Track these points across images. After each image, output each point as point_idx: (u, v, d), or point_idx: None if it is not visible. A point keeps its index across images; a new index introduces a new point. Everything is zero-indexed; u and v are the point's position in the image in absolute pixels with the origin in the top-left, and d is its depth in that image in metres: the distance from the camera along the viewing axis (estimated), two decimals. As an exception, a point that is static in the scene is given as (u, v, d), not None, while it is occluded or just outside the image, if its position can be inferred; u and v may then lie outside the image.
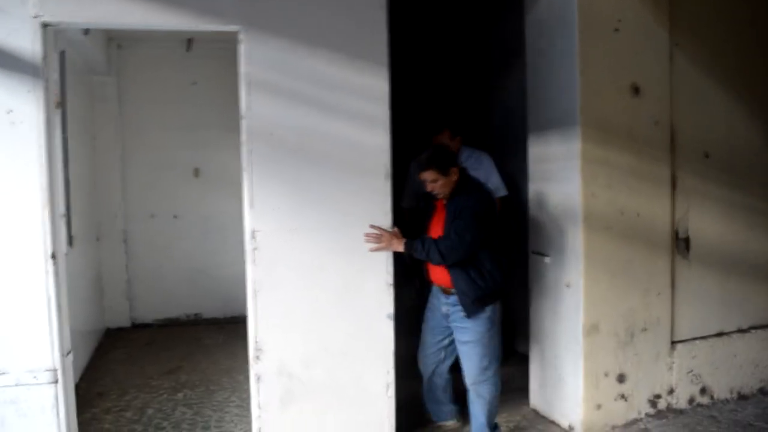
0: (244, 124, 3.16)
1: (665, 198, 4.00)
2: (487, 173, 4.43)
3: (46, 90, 2.95)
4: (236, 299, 6.38)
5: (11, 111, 2.90)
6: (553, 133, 3.91)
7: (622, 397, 3.95)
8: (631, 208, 3.87)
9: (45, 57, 2.94)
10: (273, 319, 3.15)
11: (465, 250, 3.25)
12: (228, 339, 6.00)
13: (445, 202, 3.47)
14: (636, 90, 3.85)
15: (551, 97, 3.93)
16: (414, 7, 5.31)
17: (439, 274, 3.46)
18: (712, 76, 4.18)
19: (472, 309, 3.33)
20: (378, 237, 3.31)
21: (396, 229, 3.38)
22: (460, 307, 3.38)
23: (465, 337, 3.43)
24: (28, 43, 2.88)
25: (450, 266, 3.33)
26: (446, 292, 3.48)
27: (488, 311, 3.40)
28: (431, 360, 3.67)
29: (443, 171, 3.34)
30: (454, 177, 3.39)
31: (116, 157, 6.37)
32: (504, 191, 4.55)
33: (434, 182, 3.35)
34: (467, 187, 3.43)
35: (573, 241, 3.77)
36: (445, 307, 3.52)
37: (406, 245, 3.32)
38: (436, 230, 3.45)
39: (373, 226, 3.30)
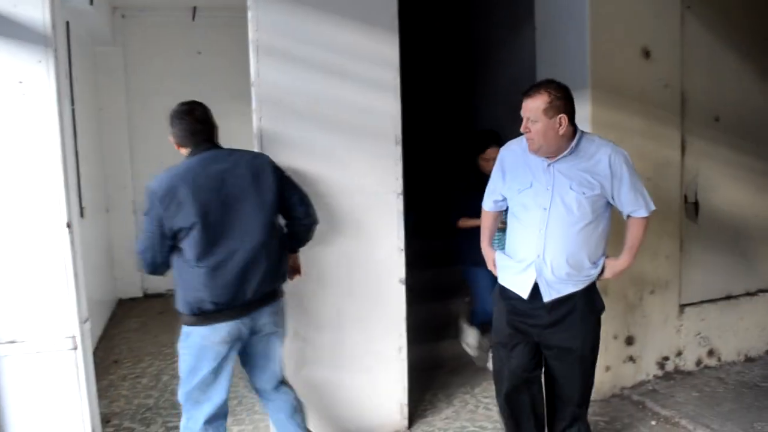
0: (253, 92, 3.15)
1: (675, 162, 4.00)
2: None
3: (57, 60, 2.94)
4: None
5: (22, 82, 2.90)
6: (563, 97, 3.89)
7: (631, 359, 4.00)
8: (641, 172, 3.74)
9: (54, 27, 2.93)
10: (286, 284, 3.18)
11: None
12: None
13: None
14: (647, 53, 3.83)
15: (561, 61, 3.91)
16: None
17: None
18: (724, 40, 4.15)
19: None
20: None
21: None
22: None
23: None
24: (38, 12, 2.86)
25: None
26: None
27: None
28: None
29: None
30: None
31: (123, 128, 6.38)
32: None
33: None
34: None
35: (583, 205, 3.77)
36: None
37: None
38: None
39: None
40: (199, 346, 2.61)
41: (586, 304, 2.79)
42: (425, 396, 3.93)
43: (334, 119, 3.22)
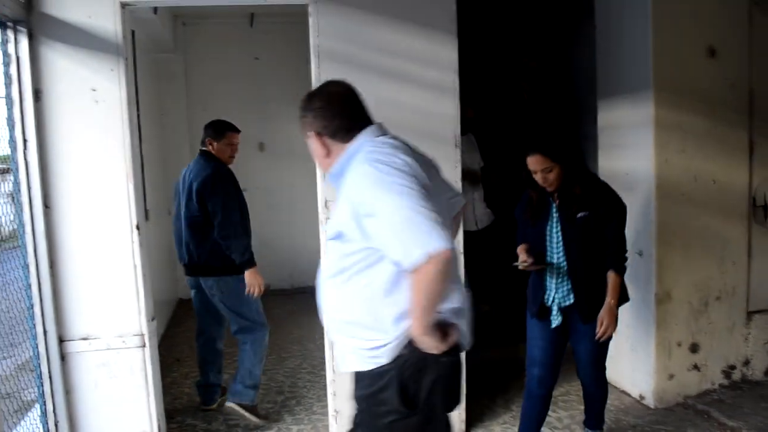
0: (315, 96, 3.20)
1: (742, 164, 3.88)
2: None
3: (126, 68, 3.06)
4: (302, 271, 6.57)
5: (95, 89, 3.03)
6: (625, 98, 3.83)
7: (696, 367, 3.90)
8: (706, 175, 3.77)
9: (125, 36, 3.04)
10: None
11: None
12: (296, 309, 6.16)
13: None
14: (712, 52, 3.73)
15: (622, 62, 3.85)
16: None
17: None
18: (794, 36, 4.00)
19: None
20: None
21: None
22: None
23: None
24: (110, 23, 2.99)
25: None
26: None
27: None
28: None
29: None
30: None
31: (184, 132, 6.55)
32: None
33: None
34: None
35: (645, 208, 3.70)
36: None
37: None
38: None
39: None
40: None
41: None
42: (483, 400, 3.91)
43: (392, 122, 3.19)
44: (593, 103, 4.17)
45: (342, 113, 1.97)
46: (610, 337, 2.91)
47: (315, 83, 3.19)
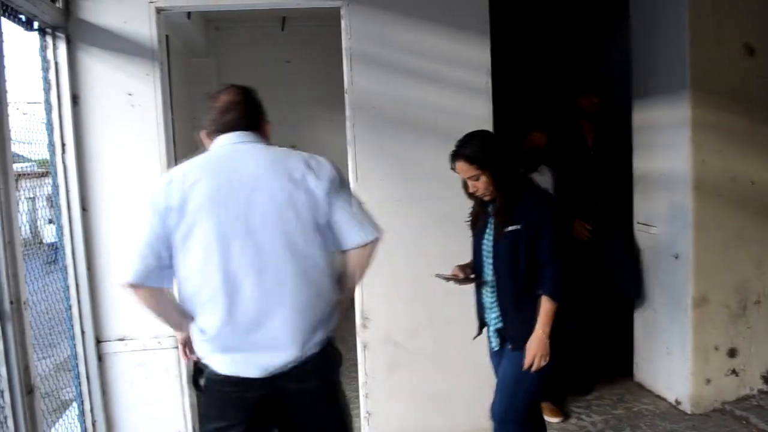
0: (347, 98, 3.21)
1: (782, 164, 3.79)
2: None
3: (162, 73, 3.10)
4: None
5: (131, 94, 3.08)
6: (660, 98, 3.77)
7: (734, 372, 3.81)
8: (744, 175, 3.69)
9: (160, 41, 3.09)
10: (379, 288, 3.21)
11: None
12: (326, 311, 6.16)
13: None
14: (750, 49, 3.65)
15: (658, 61, 3.78)
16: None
17: None
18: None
19: None
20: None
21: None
22: None
23: None
24: (146, 28, 3.04)
25: None
26: None
27: None
28: None
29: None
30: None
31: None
32: None
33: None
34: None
35: (682, 210, 3.64)
36: None
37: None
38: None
39: None
40: None
41: None
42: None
43: (425, 124, 3.24)
44: (625, 104, 4.11)
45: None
46: (543, 372, 2.52)
47: (347, 86, 3.21)
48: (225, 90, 2.17)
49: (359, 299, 3.31)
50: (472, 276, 2.69)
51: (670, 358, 3.84)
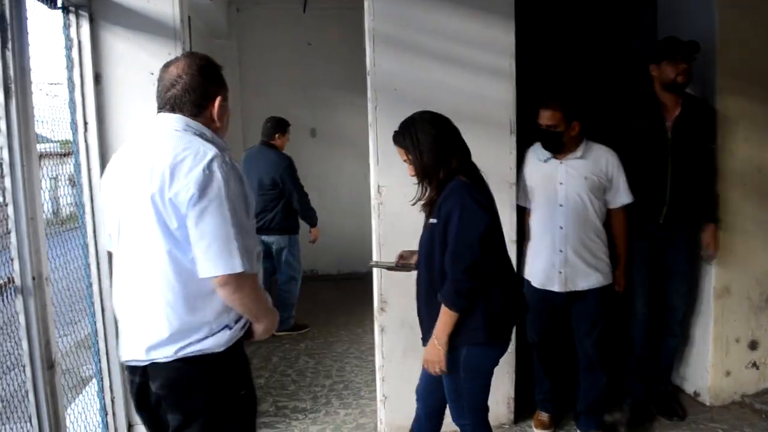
0: (369, 80, 3.18)
1: (813, 154, 3.70)
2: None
3: (183, 53, 3.09)
4: (350, 257, 6.59)
5: (153, 73, 3.06)
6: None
7: (754, 365, 3.76)
8: None
9: (182, 21, 3.08)
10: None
11: None
12: (343, 295, 6.19)
13: None
14: (779, 37, 3.56)
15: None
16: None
17: None
18: None
19: None
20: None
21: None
22: None
23: None
24: (168, 7, 3.03)
25: None
26: None
27: None
28: None
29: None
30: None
31: (237, 116, 6.62)
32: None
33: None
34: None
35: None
36: None
37: None
38: None
39: None
40: None
41: None
42: (533, 391, 3.85)
43: (447, 107, 3.16)
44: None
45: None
46: (457, 386, 2.45)
47: (370, 67, 3.18)
48: (175, 60, 2.04)
49: (377, 282, 3.30)
50: (412, 263, 2.61)
51: (690, 350, 3.80)
